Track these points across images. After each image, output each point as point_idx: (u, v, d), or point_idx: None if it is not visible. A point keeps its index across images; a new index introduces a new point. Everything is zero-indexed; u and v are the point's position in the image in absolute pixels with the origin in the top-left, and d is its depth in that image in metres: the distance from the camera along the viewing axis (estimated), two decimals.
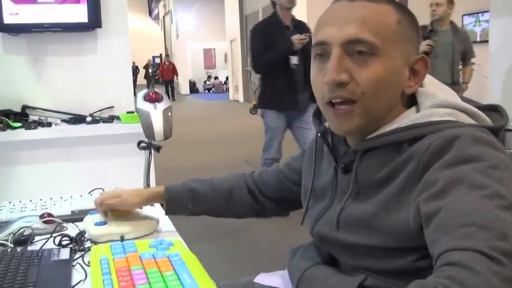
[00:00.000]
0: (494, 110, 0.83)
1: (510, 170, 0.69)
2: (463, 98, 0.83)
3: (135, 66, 18.32)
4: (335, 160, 0.89)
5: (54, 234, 1.09)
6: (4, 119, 2.45)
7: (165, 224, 1.20)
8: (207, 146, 7.06)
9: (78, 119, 2.63)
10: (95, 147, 2.65)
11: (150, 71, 20.60)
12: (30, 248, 1.04)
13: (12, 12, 2.47)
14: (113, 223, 1.10)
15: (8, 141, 2.43)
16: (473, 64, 3.99)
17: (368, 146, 0.81)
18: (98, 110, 2.72)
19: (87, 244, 1.07)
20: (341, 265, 0.90)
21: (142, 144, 1.53)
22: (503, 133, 0.79)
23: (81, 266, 0.95)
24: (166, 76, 17.33)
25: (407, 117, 0.79)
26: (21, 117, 2.57)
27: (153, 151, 1.57)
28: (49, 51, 2.67)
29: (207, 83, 21.48)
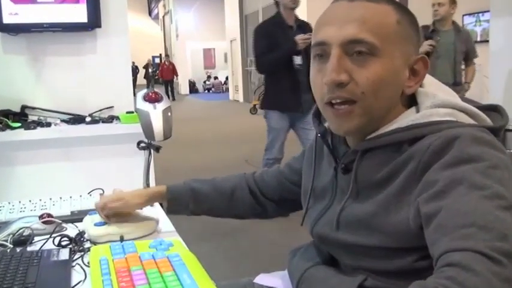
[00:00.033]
0: (494, 110, 0.82)
1: (510, 170, 0.69)
2: (463, 98, 0.83)
3: (135, 66, 18.31)
4: (335, 160, 0.89)
5: (54, 235, 1.08)
6: (3, 119, 2.45)
7: (165, 224, 1.20)
8: (207, 146, 7.05)
9: (77, 119, 2.63)
10: (94, 148, 2.64)
11: (150, 70, 20.60)
12: (29, 249, 1.04)
13: (11, 12, 2.46)
14: (112, 223, 1.10)
15: (7, 141, 2.42)
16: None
17: (368, 146, 0.81)
18: (97, 110, 2.72)
19: (87, 244, 1.06)
20: (341, 265, 0.90)
21: (142, 144, 1.53)
22: (503, 133, 0.79)
23: (81, 267, 0.95)
24: (166, 76, 17.33)
25: (407, 117, 0.79)
26: (21, 117, 2.56)
27: (152, 151, 1.57)
28: (48, 51, 2.66)
29: (207, 83, 21.46)
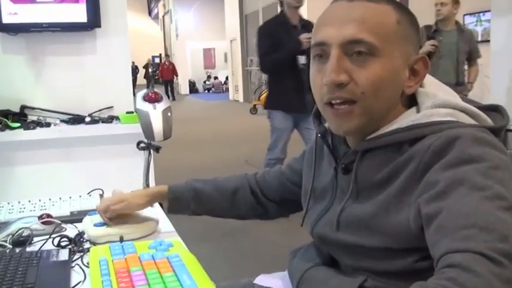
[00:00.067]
0: (495, 110, 0.82)
1: (511, 171, 0.69)
2: (464, 98, 0.83)
3: (135, 66, 18.31)
4: (335, 160, 0.88)
5: (53, 235, 1.08)
6: (3, 119, 2.44)
7: (165, 225, 1.20)
8: (207, 146, 7.05)
9: (77, 119, 2.62)
10: (94, 148, 2.64)
11: (149, 70, 20.59)
12: (28, 249, 1.04)
13: (11, 11, 2.46)
14: (112, 224, 1.10)
15: (7, 141, 2.42)
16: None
17: (368, 147, 0.81)
18: (97, 110, 2.71)
19: (86, 245, 1.06)
20: (341, 266, 0.89)
21: (142, 144, 1.53)
22: (504, 133, 0.79)
23: (80, 267, 0.95)
24: (166, 76, 17.33)
25: (407, 118, 0.78)
26: (20, 117, 2.56)
27: (152, 151, 1.57)
28: (48, 51, 2.66)
29: (207, 83, 21.45)
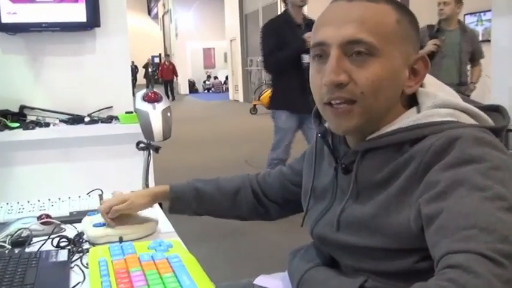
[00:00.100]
0: (496, 111, 0.82)
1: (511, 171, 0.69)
2: (464, 98, 0.83)
3: (134, 65, 18.31)
4: (335, 161, 0.88)
5: (52, 236, 1.08)
6: (2, 119, 2.45)
7: (164, 225, 1.19)
8: (207, 146, 7.05)
9: (76, 119, 2.62)
10: (93, 148, 2.64)
11: (149, 70, 20.58)
12: (28, 250, 1.03)
13: (10, 11, 2.46)
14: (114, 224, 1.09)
15: (6, 141, 2.42)
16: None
17: (369, 147, 0.80)
18: (96, 110, 2.71)
19: (86, 246, 1.06)
20: (341, 267, 0.89)
21: (141, 144, 1.53)
22: (505, 134, 0.79)
23: (80, 268, 0.95)
24: (166, 76, 17.31)
25: (408, 118, 0.78)
26: (19, 117, 2.56)
27: (152, 152, 1.57)
28: (47, 51, 2.66)
29: (207, 82, 21.44)
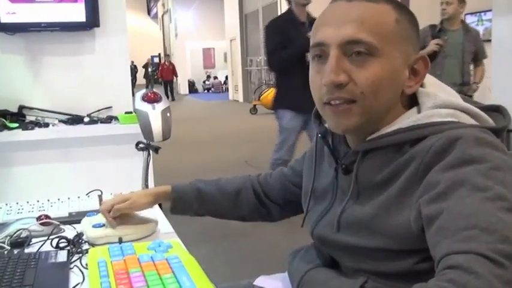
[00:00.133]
0: (496, 111, 0.82)
1: None
2: (465, 99, 0.83)
3: (134, 65, 18.29)
4: (335, 161, 0.88)
5: (52, 237, 1.08)
6: (1, 120, 2.45)
7: (164, 226, 1.19)
8: (207, 146, 7.05)
9: (75, 120, 2.62)
10: (92, 148, 2.64)
11: (149, 70, 20.57)
12: (27, 251, 1.03)
13: (9, 11, 2.46)
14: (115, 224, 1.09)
15: (5, 142, 2.42)
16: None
17: (369, 147, 0.80)
18: (95, 110, 2.71)
19: (85, 246, 1.06)
20: (342, 267, 0.89)
21: (141, 145, 1.53)
22: (506, 134, 0.79)
23: (79, 269, 0.94)
24: (166, 76, 17.31)
25: (408, 118, 0.78)
26: (18, 117, 2.56)
27: (151, 152, 1.57)
28: (46, 51, 2.66)
29: (206, 82, 21.43)
